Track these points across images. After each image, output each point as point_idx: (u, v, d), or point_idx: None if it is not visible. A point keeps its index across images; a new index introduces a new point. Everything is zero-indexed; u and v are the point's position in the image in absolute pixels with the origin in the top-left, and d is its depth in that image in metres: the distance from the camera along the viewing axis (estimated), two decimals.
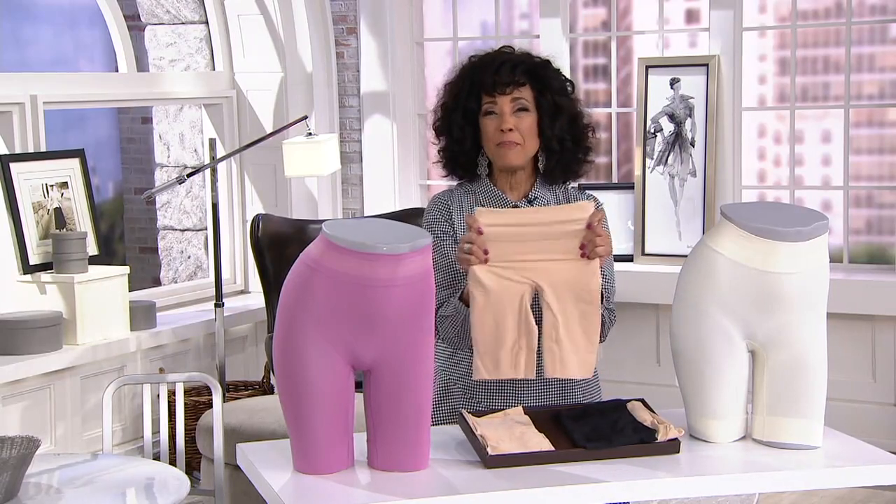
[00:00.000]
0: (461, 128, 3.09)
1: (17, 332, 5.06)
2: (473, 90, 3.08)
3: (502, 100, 3.05)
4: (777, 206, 3.60)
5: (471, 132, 3.09)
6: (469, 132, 3.09)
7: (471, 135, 3.10)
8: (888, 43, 6.22)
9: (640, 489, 2.61)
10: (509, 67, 3.06)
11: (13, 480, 3.07)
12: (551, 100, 3.08)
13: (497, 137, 3.06)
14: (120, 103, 7.06)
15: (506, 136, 3.05)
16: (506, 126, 3.04)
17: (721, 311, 2.83)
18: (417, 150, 6.69)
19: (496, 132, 3.06)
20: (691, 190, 5.94)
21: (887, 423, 5.61)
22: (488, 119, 3.07)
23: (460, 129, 3.09)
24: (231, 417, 4.82)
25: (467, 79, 3.10)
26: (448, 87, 3.16)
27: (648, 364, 6.00)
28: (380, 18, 6.53)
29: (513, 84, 3.05)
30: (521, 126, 3.06)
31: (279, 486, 2.58)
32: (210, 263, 6.73)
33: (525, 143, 3.07)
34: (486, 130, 3.08)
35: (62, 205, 5.54)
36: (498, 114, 3.06)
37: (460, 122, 3.09)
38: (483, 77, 3.07)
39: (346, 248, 2.55)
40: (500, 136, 3.06)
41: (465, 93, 3.08)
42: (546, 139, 3.09)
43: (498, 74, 3.05)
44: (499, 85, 3.05)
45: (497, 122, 3.06)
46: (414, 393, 2.65)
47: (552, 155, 3.11)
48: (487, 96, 3.07)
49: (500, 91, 3.05)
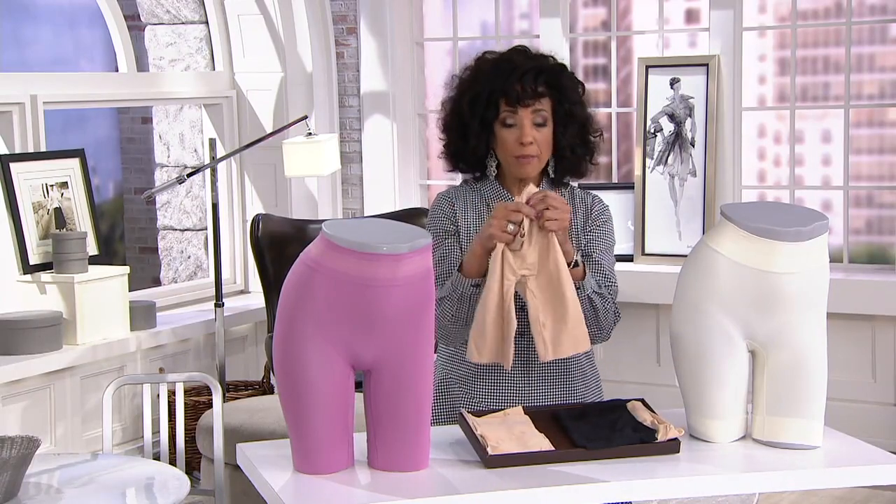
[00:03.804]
0: (477, 135, 3.07)
1: (17, 332, 5.06)
2: (493, 98, 3.04)
3: (523, 112, 3.03)
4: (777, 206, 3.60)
5: (486, 138, 3.07)
6: (484, 139, 3.07)
7: (486, 141, 3.08)
8: (888, 43, 6.22)
9: (640, 489, 2.61)
10: (532, 78, 3.03)
11: (13, 480, 3.08)
12: (567, 109, 3.07)
13: (516, 150, 3.04)
14: (120, 103, 7.07)
15: (525, 150, 3.03)
16: (526, 140, 3.03)
17: (721, 311, 2.83)
18: (417, 150, 6.69)
19: (515, 144, 3.04)
20: (691, 190, 5.94)
21: (887, 423, 5.61)
22: (507, 130, 3.04)
23: (477, 136, 3.07)
24: (231, 417, 4.82)
25: (486, 84, 3.05)
26: (462, 85, 3.11)
27: (648, 364, 6.00)
28: (380, 18, 6.53)
29: (535, 96, 3.03)
30: (539, 139, 3.04)
31: (279, 486, 2.58)
32: (210, 263, 6.74)
33: (542, 154, 3.07)
34: (503, 141, 3.05)
35: (62, 205, 5.54)
36: (517, 125, 3.04)
37: (477, 130, 3.06)
38: (505, 84, 3.03)
39: (346, 248, 2.55)
40: (519, 149, 3.04)
41: (484, 100, 3.04)
42: (559, 148, 3.09)
43: (521, 84, 3.02)
44: (522, 98, 3.02)
45: (516, 134, 3.03)
46: (414, 393, 2.65)
47: (562, 160, 3.12)
48: (507, 106, 3.03)
49: (522, 104, 3.03)
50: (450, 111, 3.12)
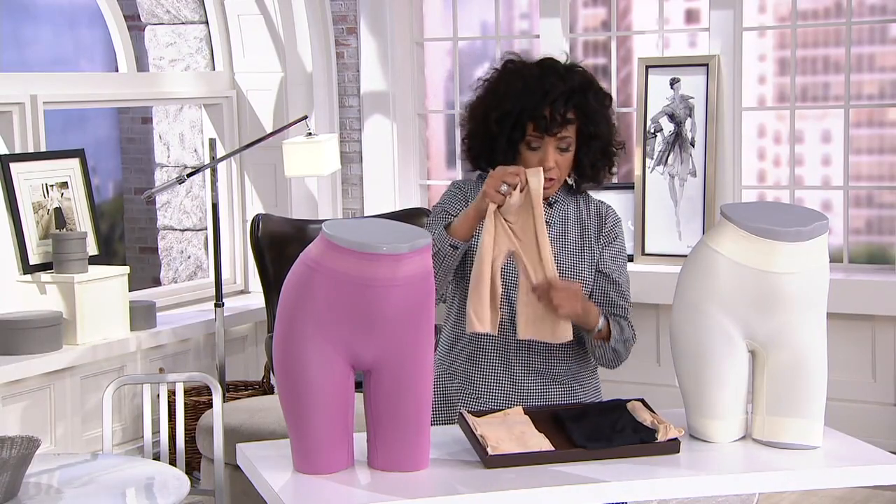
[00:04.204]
0: (504, 152, 3.07)
1: (17, 332, 5.06)
2: (521, 119, 3.03)
3: (549, 139, 3.05)
4: (777, 206, 3.60)
5: (511, 155, 3.07)
6: (511, 156, 3.07)
7: (511, 157, 3.07)
8: (888, 43, 6.22)
9: (640, 489, 2.61)
10: (562, 103, 3.03)
11: (13, 480, 3.07)
12: (592, 132, 3.08)
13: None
14: (120, 103, 7.06)
15: (546, 174, 3.04)
16: (548, 165, 3.05)
17: (721, 311, 2.83)
18: (417, 150, 6.69)
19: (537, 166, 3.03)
20: (691, 190, 5.94)
21: (887, 423, 5.61)
22: (531, 153, 3.06)
23: (504, 153, 3.07)
24: (231, 417, 4.82)
25: (515, 104, 3.04)
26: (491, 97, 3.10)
27: (648, 364, 6.00)
28: (380, 18, 6.53)
29: (563, 124, 3.04)
30: (560, 162, 3.07)
31: (279, 486, 2.58)
32: (210, 263, 6.74)
33: (561, 176, 3.10)
34: (527, 161, 3.06)
35: (62, 205, 5.54)
36: (541, 150, 3.05)
37: (504, 147, 3.07)
38: (534, 111, 3.03)
39: (346, 248, 2.55)
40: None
41: (512, 121, 3.04)
42: (581, 166, 3.12)
43: (551, 111, 3.02)
44: (550, 128, 3.03)
45: (539, 157, 3.05)
46: (414, 393, 2.65)
47: (583, 176, 3.14)
48: (535, 132, 3.04)
49: (549, 133, 3.04)
50: (479, 122, 3.12)
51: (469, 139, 3.15)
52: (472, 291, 2.91)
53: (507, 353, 3.11)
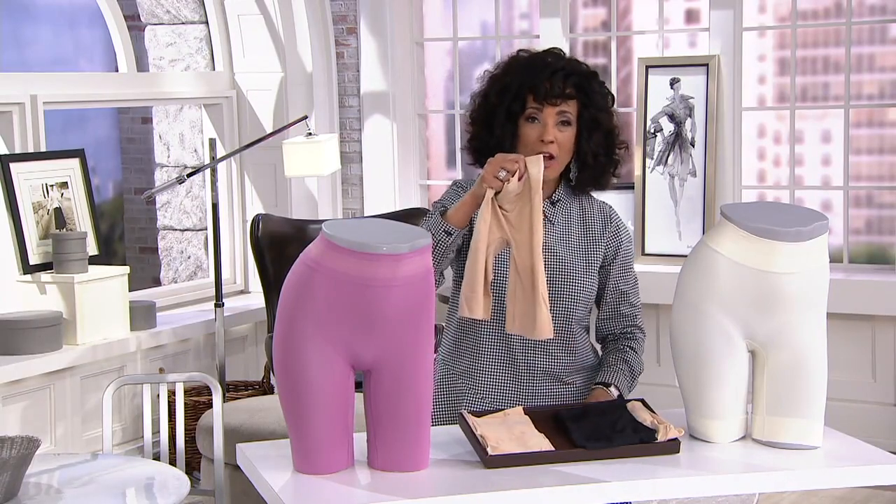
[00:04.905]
0: (502, 125, 3.08)
1: (17, 332, 5.06)
2: (521, 92, 3.05)
3: (548, 110, 3.05)
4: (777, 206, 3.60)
5: (510, 130, 3.08)
6: (509, 130, 3.08)
7: (510, 133, 3.08)
8: (888, 43, 6.22)
9: (640, 489, 2.61)
10: (562, 77, 3.04)
11: (13, 480, 3.08)
12: (593, 115, 3.08)
13: (536, 147, 3.05)
14: (120, 103, 7.07)
15: (545, 148, 3.04)
16: (547, 138, 3.04)
17: (721, 311, 2.83)
18: (417, 150, 6.69)
19: (536, 141, 3.05)
20: (691, 190, 5.94)
21: (887, 423, 5.61)
22: (530, 126, 3.06)
23: (502, 127, 3.08)
24: (231, 417, 4.82)
25: (516, 77, 3.07)
26: (493, 80, 3.12)
27: (648, 364, 5.98)
28: (380, 18, 6.53)
29: (562, 97, 3.04)
30: (560, 139, 3.06)
31: (279, 486, 2.58)
32: (210, 263, 6.74)
33: (561, 156, 3.07)
34: (525, 136, 3.06)
35: (62, 205, 5.54)
36: (541, 122, 3.05)
37: (503, 121, 3.07)
38: (534, 80, 3.04)
39: (346, 248, 2.55)
40: (539, 146, 3.04)
41: (512, 93, 3.06)
42: (581, 153, 3.10)
43: (550, 82, 3.03)
44: (549, 95, 3.04)
45: (539, 130, 3.05)
46: (414, 393, 2.65)
47: (584, 168, 3.13)
48: (534, 102, 3.05)
49: (549, 102, 3.04)
50: (479, 104, 3.14)
51: (472, 124, 3.15)
52: (465, 278, 2.91)
53: (512, 353, 3.11)
